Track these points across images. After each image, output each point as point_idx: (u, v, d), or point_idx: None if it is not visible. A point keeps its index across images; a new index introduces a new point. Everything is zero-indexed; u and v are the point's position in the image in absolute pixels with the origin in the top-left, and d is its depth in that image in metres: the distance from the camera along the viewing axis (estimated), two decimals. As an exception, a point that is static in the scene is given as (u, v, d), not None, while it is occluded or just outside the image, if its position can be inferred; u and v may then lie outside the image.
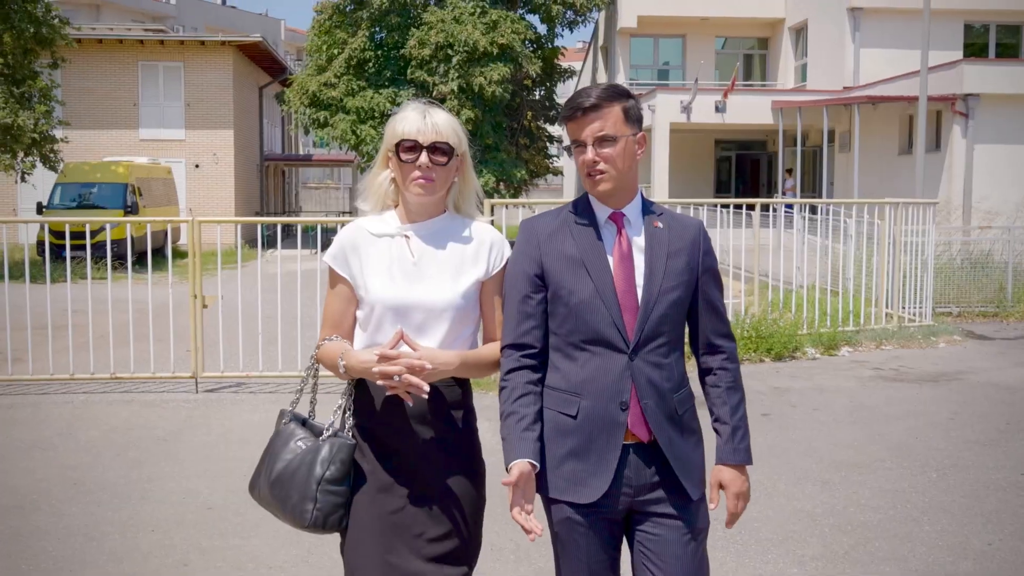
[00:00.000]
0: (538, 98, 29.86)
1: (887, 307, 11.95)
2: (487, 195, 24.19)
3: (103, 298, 9.31)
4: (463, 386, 2.76)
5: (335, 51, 27.15)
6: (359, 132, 25.18)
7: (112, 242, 15.91)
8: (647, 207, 2.73)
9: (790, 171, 28.83)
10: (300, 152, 48.92)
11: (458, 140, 2.71)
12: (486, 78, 24.45)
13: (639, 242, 2.66)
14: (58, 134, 21.75)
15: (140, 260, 16.37)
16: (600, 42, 34.87)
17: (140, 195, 23.42)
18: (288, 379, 8.81)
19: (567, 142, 2.71)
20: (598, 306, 2.59)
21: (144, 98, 30.29)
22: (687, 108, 27.39)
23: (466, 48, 24.43)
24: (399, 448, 2.68)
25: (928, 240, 12.18)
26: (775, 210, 12.68)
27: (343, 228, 2.84)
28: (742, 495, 2.71)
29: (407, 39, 25.83)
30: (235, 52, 30.73)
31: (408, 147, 2.66)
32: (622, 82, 30.51)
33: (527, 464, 2.51)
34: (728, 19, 31.35)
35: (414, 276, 2.69)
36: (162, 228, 21.98)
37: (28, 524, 5.27)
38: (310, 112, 27.22)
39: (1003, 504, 5.66)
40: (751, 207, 11.34)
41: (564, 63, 31.07)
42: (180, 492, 5.85)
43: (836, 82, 27.16)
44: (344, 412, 2.72)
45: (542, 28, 28.39)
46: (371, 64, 26.62)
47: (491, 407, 2.72)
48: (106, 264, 9.87)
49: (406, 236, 2.74)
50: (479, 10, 25.26)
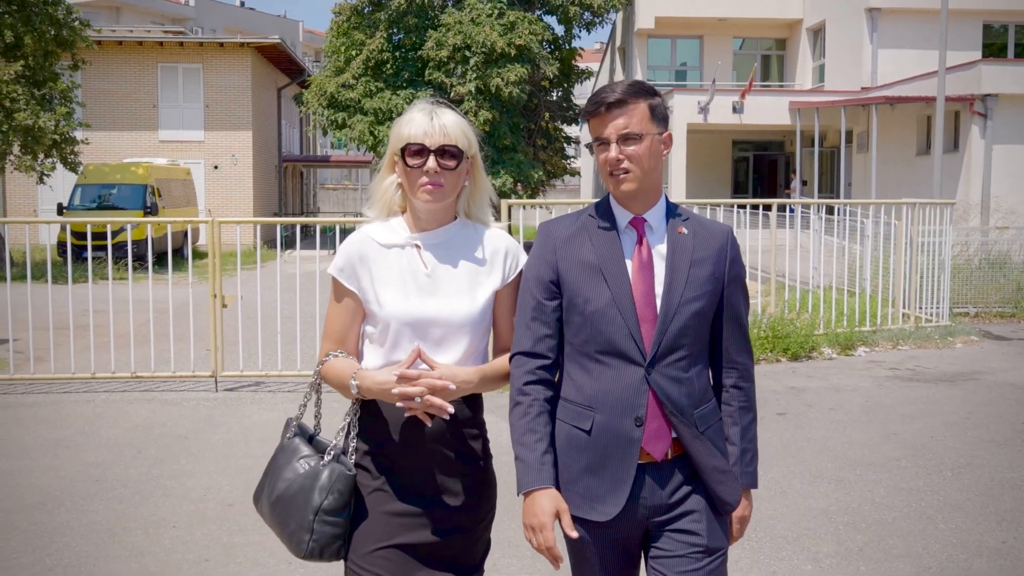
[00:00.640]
0: (555, 99, 29.90)
1: (904, 307, 11.94)
2: (503, 196, 24.31)
3: (124, 298, 9.42)
4: (475, 401, 2.64)
5: (353, 52, 27.29)
6: (377, 133, 25.30)
7: (132, 243, 16.11)
8: (672, 211, 2.60)
9: (795, 172, 28.85)
10: (318, 153, 49.14)
11: (468, 142, 2.57)
12: (503, 79, 24.51)
13: (661, 249, 2.53)
14: (78, 136, 21.95)
15: (160, 260, 16.51)
16: (618, 43, 34.89)
17: (159, 196, 23.62)
18: (307, 378, 8.88)
19: (587, 140, 2.62)
20: (614, 316, 2.47)
21: (163, 99, 30.52)
22: (704, 109, 27.38)
23: (484, 49, 24.51)
24: (412, 471, 2.55)
25: (945, 240, 12.16)
26: (792, 210, 12.67)
27: (348, 237, 2.66)
28: (744, 519, 2.63)
29: (425, 40, 25.93)
30: (254, 54, 30.93)
31: (415, 151, 2.52)
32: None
33: (557, 497, 2.46)
34: (746, 20, 31.31)
35: (429, 289, 2.55)
36: (181, 229, 22.18)
37: (52, 520, 5.36)
38: (328, 113, 27.37)
39: (1018, 503, 5.67)
40: (768, 207, 11.35)
41: (581, 64, 31.10)
42: (200, 489, 5.93)
43: (854, 83, 27.09)
44: (348, 433, 2.59)
45: (559, 29, 28.43)
46: (389, 65, 26.73)
47: (506, 407, 2.64)
48: (126, 264, 9.99)
49: (416, 246, 2.59)
50: (497, 11, 25.33)
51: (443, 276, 2.57)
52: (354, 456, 2.57)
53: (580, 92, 35.10)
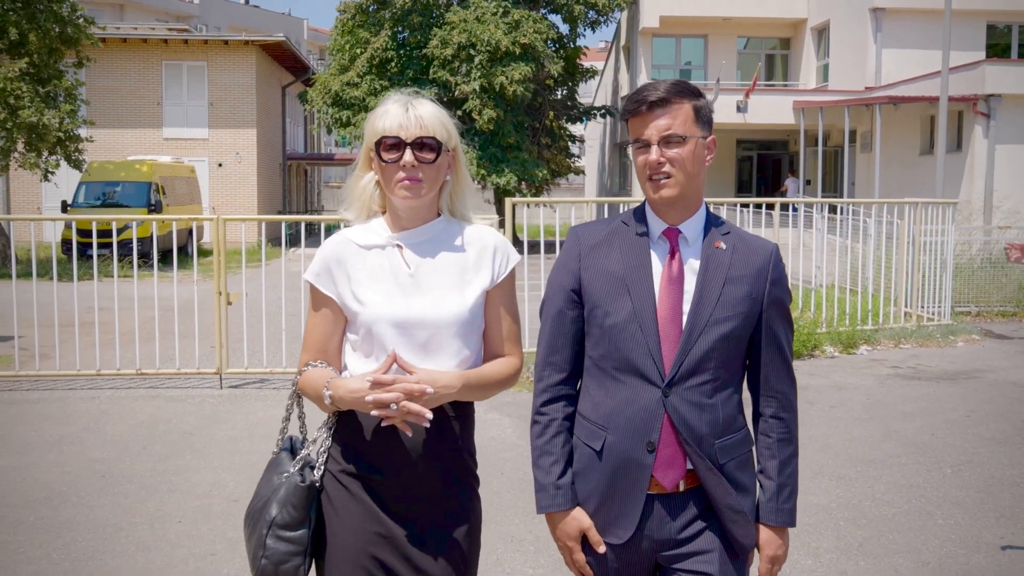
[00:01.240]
0: (560, 98, 29.99)
1: (906, 306, 11.97)
2: (507, 194, 24.36)
3: (129, 295, 9.47)
4: (463, 411, 2.48)
5: (358, 51, 27.38)
6: (381, 131, 25.38)
7: (137, 240, 16.15)
8: (712, 223, 2.41)
9: (793, 171, 28.90)
10: (322, 151, 49.21)
11: (447, 134, 2.41)
12: (508, 78, 24.58)
13: (695, 264, 2.36)
14: (83, 133, 22.02)
15: (164, 258, 16.57)
16: (622, 42, 34.91)
17: (164, 194, 23.69)
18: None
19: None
20: (634, 331, 2.31)
21: (168, 97, 30.59)
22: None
23: (488, 48, 24.57)
24: (391, 487, 2.40)
25: (947, 240, 12.19)
26: (795, 209, 12.70)
27: (325, 241, 2.52)
28: (778, 560, 2.42)
29: (429, 39, 26.01)
30: (258, 51, 30.99)
31: (390, 145, 2.36)
32: (644, 82, 30.55)
33: (579, 517, 2.39)
34: (750, 19, 31.32)
35: (413, 290, 2.40)
36: (186, 226, 22.23)
37: (58, 516, 5.41)
38: (332, 111, 27.46)
39: (1017, 500, 5.71)
40: (771, 207, 11.39)
41: (586, 63, 31.19)
42: (206, 484, 5.98)
43: (858, 82, 27.10)
44: (321, 448, 2.45)
45: (564, 28, 28.52)
46: (393, 64, 26.80)
47: (512, 403, 2.60)
48: (131, 262, 10.05)
49: (398, 246, 2.44)
50: (501, 10, 25.40)
51: (427, 275, 2.42)
52: (323, 469, 2.43)
53: (584, 91, 35.19)
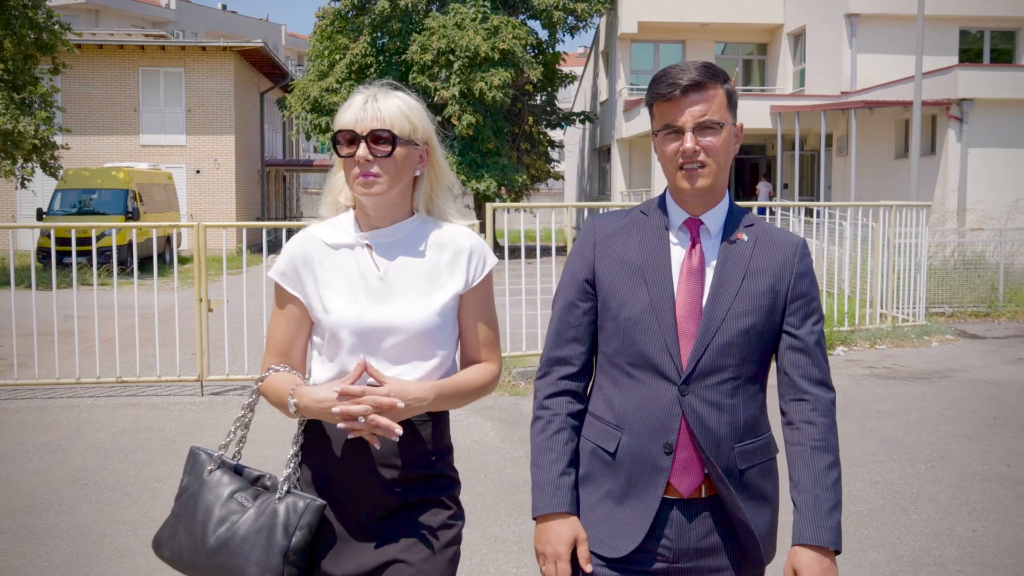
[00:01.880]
0: (539, 103, 30.11)
1: (881, 308, 12.12)
2: (487, 199, 24.43)
3: (107, 303, 9.47)
4: (438, 421, 2.35)
5: (337, 56, 27.40)
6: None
7: (119, 247, 16.12)
8: (735, 214, 2.29)
9: (766, 175, 29.15)
10: (301, 157, 49.15)
11: (411, 126, 2.28)
12: (487, 83, 24.66)
13: (715, 256, 2.23)
14: (59, 140, 21.90)
15: (144, 266, 16.53)
16: (601, 47, 35.07)
17: (141, 201, 23.59)
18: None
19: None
20: (650, 324, 2.17)
21: (145, 103, 30.48)
22: (686, 112, 27.53)
23: (468, 53, 24.65)
24: (360, 501, 2.28)
25: (921, 242, 12.35)
26: (773, 212, 12.84)
27: (292, 238, 2.41)
28: None
29: (409, 44, 26.06)
30: (236, 58, 30.94)
31: (346, 139, 2.26)
32: (623, 87, 30.72)
33: (576, 525, 2.21)
34: (727, 25, 31.52)
35: (381, 293, 2.29)
36: (164, 233, 22.17)
37: (41, 523, 5.42)
38: (311, 117, 27.46)
39: (988, 494, 5.83)
40: (747, 211, 11.51)
41: (565, 68, 31.33)
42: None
43: (834, 87, 27.34)
44: (296, 462, 2.32)
45: (543, 34, 28.66)
46: (373, 69, 26.83)
47: (494, 407, 2.50)
48: (110, 270, 10.04)
49: (367, 246, 2.33)
50: (481, 16, 25.49)
51: (397, 279, 2.30)
52: (290, 483, 2.30)
53: (563, 96, 35.30)
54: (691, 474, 2.17)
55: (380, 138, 2.24)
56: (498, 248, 11.25)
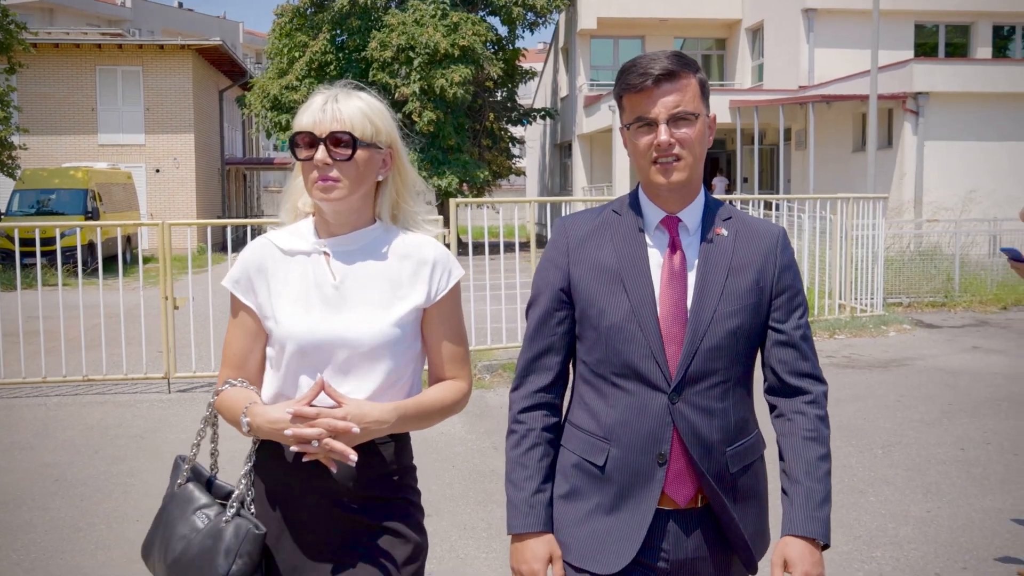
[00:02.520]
0: (500, 99, 30.20)
1: (840, 298, 12.37)
2: (449, 195, 24.49)
3: (71, 304, 9.44)
4: (399, 441, 2.24)
5: (296, 54, 27.31)
6: (321, 135, 25.41)
7: (76, 248, 15.99)
8: (712, 208, 2.19)
9: (720, 170, 29.55)
10: (261, 155, 48.87)
11: (374, 129, 2.17)
12: (448, 80, 24.71)
13: (696, 255, 2.14)
14: (16, 140, 21.66)
15: (108, 266, 16.43)
16: (561, 43, 35.23)
17: (100, 201, 23.39)
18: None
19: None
20: (633, 332, 2.08)
21: (102, 103, 30.18)
22: (646, 108, 27.75)
23: (427, 50, 24.68)
24: (316, 522, 2.17)
25: (878, 234, 12.61)
26: (733, 205, 13.03)
27: (248, 244, 2.30)
28: None
29: (368, 41, 26.03)
30: (194, 56, 30.72)
31: (305, 142, 2.14)
32: (583, 83, 30.90)
33: (551, 543, 2.15)
34: (686, 20, 31.80)
35: (335, 304, 2.16)
36: (128, 232, 22.02)
37: (14, 519, 5.44)
38: (271, 115, 27.36)
39: (942, 476, 6.03)
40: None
41: (525, 64, 31.43)
42: (160, 485, 5.97)
43: (792, 81, 27.70)
44: (247, 481, 2.19)
45: (503, 30, 28.75)
46: (333, 67, 26.78)
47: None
48: (72, 269, 10.01)
49: (325, 253, 2.21)
50: (440, 12, 25.53)
51: (354, 288, 2.18)
52: (239, 502, 2.18)
53: (524, 92, 35.42)
54: (687, 483, 2.10)
55: (339, 140, 2.12)
56: (461, 244, 11.34)
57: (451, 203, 10.03)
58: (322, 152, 2.12)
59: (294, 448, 2.04)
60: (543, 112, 31.58)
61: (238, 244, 21.99)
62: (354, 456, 2.02)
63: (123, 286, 9.55)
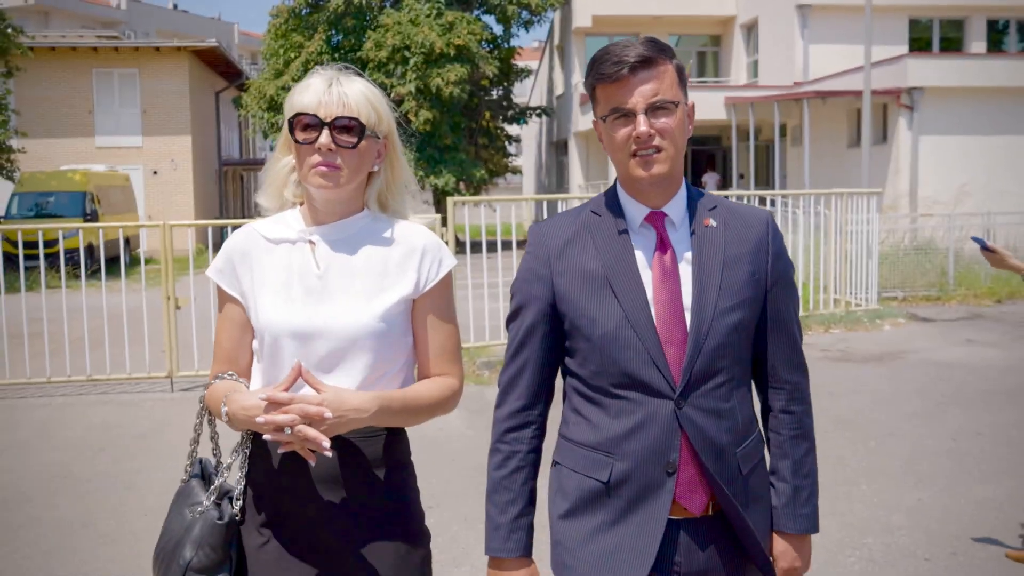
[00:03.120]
0: (496, 98, 30.28)
1: (835, 293, 12.47)
2: (446, 194, 24.59)
3: (76, 305, 9.53)
4: (393, 435, 2.13)
5: (292, 55, 27.37)
6: (318, 135, 25.49)
7: (77, 250, 16.08)
8: (696, 199, 2.09)
9: (712, 167, 29.68)
10: (258, 156, 48.90)
11: (377, 117, 2.10)
12: (443, 79, 24.78)
13: (686, 250, 2.04)
14: (14, 144, 21.73)
15: (109, 267, 16.53)
16: (556, 41, 35.31)
17: (99, 203, 23.48)
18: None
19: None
20: (629, 338, 1.97)
21: (99, 105, 30.23)
22: (641, 105, 27.85)
23: (423, 50, 24.75)
24: (303, 525, 2.07)
25: (872, 228, 12.71)
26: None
27: (232, 233, 2.23)
28: (795, 572, 2.11)
29: (363, 42, 26.11)
30: (190, 57, 30.79)
31: (306, 124, 2.04)
32: (578, 81, 30.99)
33: (531, 570, 2.09)
34: (681, 17, 31.91)
35: (318, 293, 2.08)
36: (131, 234, 22.14)
37: (21, 515, 5.53)
38: (268, 116, 27.42)
39: (934, 466, 6.14)
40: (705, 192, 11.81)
41: (521, 63, 31.50)
42: (166, 482, 6.11)
43: (787, 78, 27.80)
44: (240, 473, 2.12)
45: (498, 29, 28.80)
46: (328, 67, 26.83)
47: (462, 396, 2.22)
48: (75, 271, 10.10)
49: (310, 242, 2.13)
50: (435, 11, 25.59)
51: (338, 278, 2.10)
52: (241, 500, 2.12)
53: (520, 90, 35.50)
54: (699, 491, 2.00)
55: (346, 127, 2.04)
56: (459, 243, 11.44)
57: (449, 202, 10.12)
58: (326, 137, 2.03)
59: (267, 437, 1.92)
60: (539, 110, 31.67)
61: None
62: (326, 443, 1.89)
63: (125, 287, 9.65)
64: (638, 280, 1.99)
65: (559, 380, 2.17)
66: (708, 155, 34.79)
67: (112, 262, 18.96)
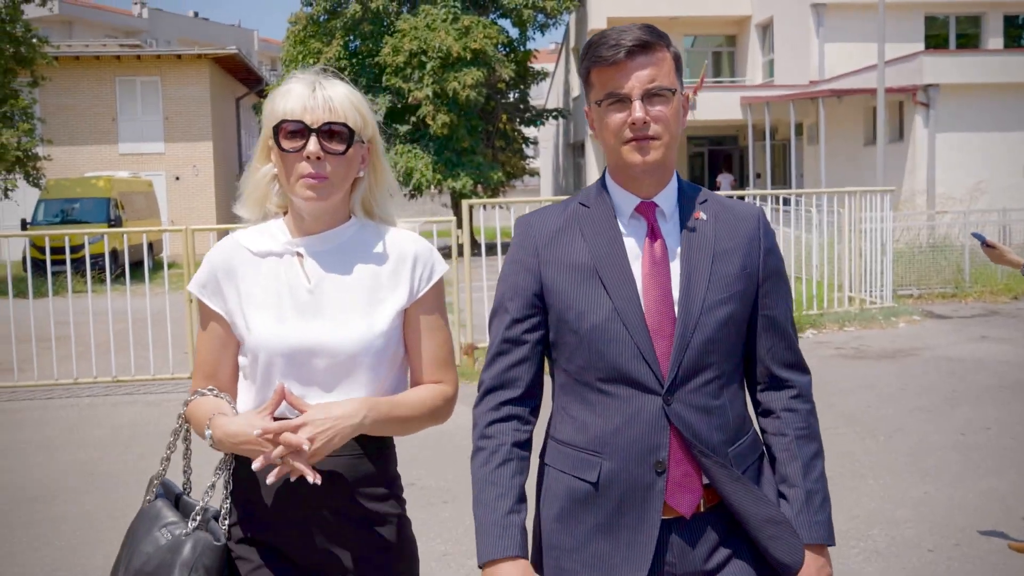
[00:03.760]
0: (512, 100, 30.46)
1: (850, 291, 12.55)
2: (464, 197, 24.78)
3: (102, 309, 9.77)
4: (381, 450, 2.08)
5: (311, 61, 27.65)
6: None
7: (102, 255, 16.38)
8: (686, 192, 2.03)
9: (728, 167, 29.66)
10: (278, 161, 49.24)
11: (362, 121, 2.01)
12: (460, 83, 24.97)
13: (676, 242, 1.98)
14: (40, 151, 22.11)
15: (134, 272, 16.82)
16: (572, 44, 35.45)
17: (123, 209, 23.81)
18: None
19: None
20: (618, 331, 1.91)
21: (122, 113, 30.62)
22: (658, 106, 27.95)
23: (440, 54, 24.96)
24: (294, 545, 2.03)
25: (886, 226, 12.78)
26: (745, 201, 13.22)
27: (215, 246, 2.14)
28: None
29: (381, 47, 26.35)
30: (211, 64, 31.13)
31: (291, 131, 1.95)
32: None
33: (527, 570, 1.92)
34: (696, 18, 31.99)
35: (311, 309, 2.01)
36: (154, 239, 22.50)
37: (52, 511, 5.74)
38: (288, 122, 27.66)
39: (941, 461, 6.24)
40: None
41: (537, 65, 31.67)
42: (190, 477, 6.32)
43: (803, 76, 27.82)
44: (226, 492, 2.06)
45: (514, 32, 28.98)
46: (346, 72, 27.07)
47: (469, 394, 2.15)
48: (100, 276, 10.33)
49: (298, 254, 2.05)
50: (451, 16, 25.80)
51: (330, 292, 2.02)
52: (227, 522, 2.05)
53: (536, 93, 35.65)
54: (689, 490, 1.93)
55: (335, 133, 1.96)
56: (476, 245, 11.59)
57: (464, 204, 10.28)
58: (314, 144, 1.94)
59: (255, 466, 1.88)
60: (555, 112, 31.81)
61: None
62: (315, 478, 1.87)
63: (149, 291, 9.87)
64: (628, 271, 1.94)
65: (548, 381, 2.11)
66: (725, 155, 34.83)
67: (136, 266, 19.28)
